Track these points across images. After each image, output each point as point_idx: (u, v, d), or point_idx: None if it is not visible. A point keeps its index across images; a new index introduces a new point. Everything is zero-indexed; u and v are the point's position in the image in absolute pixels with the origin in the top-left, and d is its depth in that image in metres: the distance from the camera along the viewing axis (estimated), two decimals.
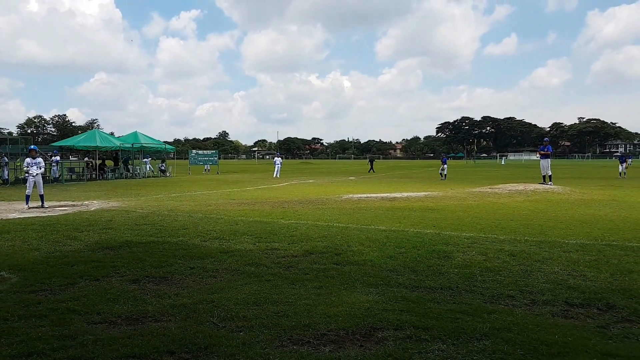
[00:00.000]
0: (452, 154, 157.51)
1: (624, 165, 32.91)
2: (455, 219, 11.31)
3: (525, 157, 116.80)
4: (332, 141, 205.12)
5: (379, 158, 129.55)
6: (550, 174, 21.62)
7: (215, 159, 45.94)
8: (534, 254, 7.35)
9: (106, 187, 23.76)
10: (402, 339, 4.09)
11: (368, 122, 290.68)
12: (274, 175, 34.31)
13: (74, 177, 31.70)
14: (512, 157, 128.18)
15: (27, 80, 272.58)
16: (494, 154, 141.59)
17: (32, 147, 15.90)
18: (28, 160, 14.98)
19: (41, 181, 14.82)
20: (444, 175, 31.05)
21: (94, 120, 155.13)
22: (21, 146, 28.97)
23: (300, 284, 5.75)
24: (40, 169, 14.85)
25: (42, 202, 14.51)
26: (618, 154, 67.98)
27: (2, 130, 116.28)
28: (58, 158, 30.44)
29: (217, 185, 25.51)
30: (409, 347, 3.91)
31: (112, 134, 53.47)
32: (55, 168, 28.99)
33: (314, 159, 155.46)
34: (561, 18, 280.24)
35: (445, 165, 31.42)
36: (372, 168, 46.17)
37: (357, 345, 3.99)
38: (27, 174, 14.85)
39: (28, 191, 14.43)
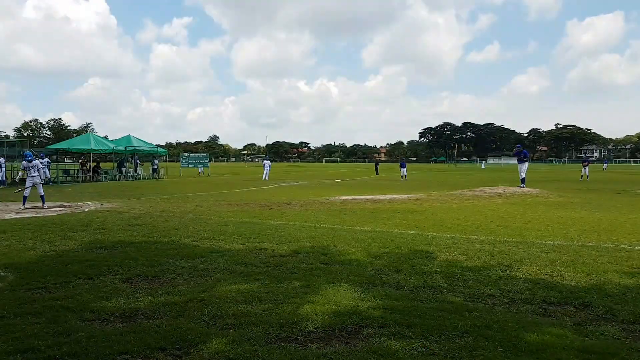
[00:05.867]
0: (434, 158, 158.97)
1: (587, 168, 33.83)
2: (437, 220, 11.51)
3: (504, 161, 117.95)
4: (319, 145, 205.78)
5: (364, 162, 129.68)
6: (524, 177, 21.98)
7: (206, 161, 45.78)
8: (513, 254, 7.52)
9: (100, 189, 23.67)
10: (386, 336, 4.17)
11: (354, 126, 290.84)
12: (263, 178, 34.30)
13: (68, 178, 31.69)
14: (491, 161, 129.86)
15: (23, 84, 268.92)
16: (475, 158, 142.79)
17: (27, 152, 16.10)
18: (24, 163, 15.24)
19: (40, 183, 14.94)
20: (403, 177, 34.77)
21: (89, 124, 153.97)
22: (17, 149, 28.93)
23: (288, 282, 5.86)
24: (37, 171, 14.91)
25: (43, 203, 14.71)
26: (582, 156, 68.43)
27: None
28: (46, 160, 30.58)
29: (207, 187, 25.48)
30: (393, 344, 4.00)
31: (106, 137, 53.13)
32: (46, 170, 29.06)
33: (301, 162, 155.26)
34: (542, 27, 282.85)
35: (404, 169, 35.53)
36: (376, 171, 46.61)
37: (343, 342, 4.07)
38: (29, 176, 14.97)
39: (26, 192, 14.51)
